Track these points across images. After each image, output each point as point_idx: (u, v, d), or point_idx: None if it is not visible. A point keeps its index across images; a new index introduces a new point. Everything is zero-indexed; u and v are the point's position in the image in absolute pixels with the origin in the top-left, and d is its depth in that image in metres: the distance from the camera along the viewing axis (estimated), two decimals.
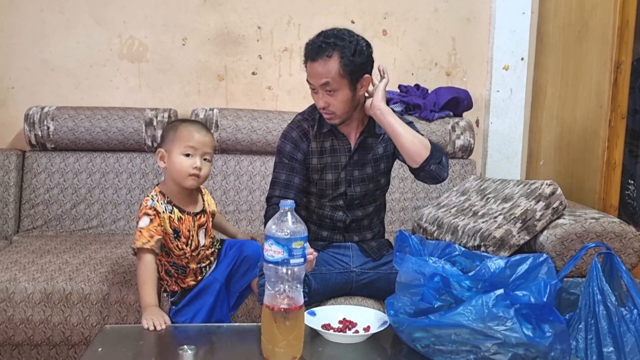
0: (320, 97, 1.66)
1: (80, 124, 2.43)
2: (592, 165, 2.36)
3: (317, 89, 1.65)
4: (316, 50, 1.62)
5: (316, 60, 1.62)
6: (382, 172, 1.83)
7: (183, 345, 1.23)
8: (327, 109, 1.67)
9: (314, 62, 1.63)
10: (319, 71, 1.62)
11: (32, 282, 1.80)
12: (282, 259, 1.22)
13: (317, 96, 1.68)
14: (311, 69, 1.64)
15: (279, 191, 1.75)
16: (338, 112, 1.67)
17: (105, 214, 2.43)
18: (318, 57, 1.61)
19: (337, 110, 1.67)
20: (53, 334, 1.80)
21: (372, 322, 1.41)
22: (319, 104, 1.67)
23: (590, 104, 2.38)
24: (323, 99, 1.65)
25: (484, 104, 2.83)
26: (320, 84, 1.63)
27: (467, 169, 2.60)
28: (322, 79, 1.62)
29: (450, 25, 2.78)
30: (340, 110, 1.67)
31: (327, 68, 1.61)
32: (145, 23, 2.65)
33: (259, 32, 2.70)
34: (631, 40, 2.23)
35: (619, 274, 1.57)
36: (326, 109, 1.67)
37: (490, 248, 1.81)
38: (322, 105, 1.67)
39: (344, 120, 1.71)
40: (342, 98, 1.65)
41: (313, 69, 1.63)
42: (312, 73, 1.64)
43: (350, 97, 1.66)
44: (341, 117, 1.69)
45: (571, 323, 1.57)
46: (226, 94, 2.73)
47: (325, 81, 1.62)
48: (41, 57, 2.63)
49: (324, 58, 1.61)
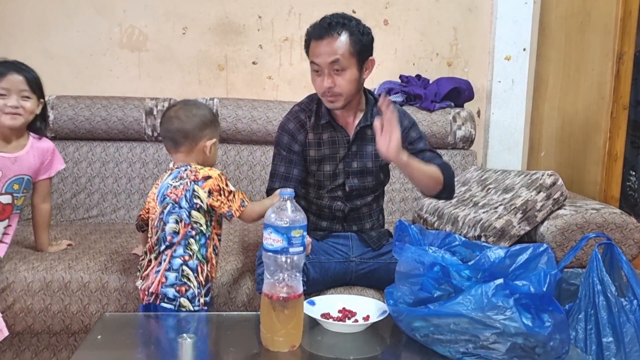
0: (326, 78, 1.62)
1: (80, 113, 2.42)
2: (593, 157, 2.35)
3: (324, 69, 1.62)
4: (325, 29, 1.60)
5: (324, 38, 1.60)
6: (383, 167, 1.82)
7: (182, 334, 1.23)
8: (333, 90, 1.63)
9: (321, 40, 1.60)
10: (327, 49, 1.60)
11: (32, 271, 1.81)
12: (282, 248, 1.21)
13: (320, 78, 1.63)
14: (318, 48, 1.61)
15: (278, 183, 1.75)
16: (344, 94, 1.64)
17: (106, 203, 2.43)
18: (327, 35, 1.59)
19: (343, 92, 1.64)
20: (53, 322, 1.80)
21: (372, 312, 1.41)
22: (325, 84, 1.62)
23: (592, 95, 2.37)
24: (329, 79, 1.62)
25: (485, 95, 2.82)
26: (329, 61, 1.60)
27: (468, 159, 2.59)
28: (332, 57, 1.60)
29: (451, 15, 2.76)
30: (346, 91, 1.64)
31: (337, 45, 1.59)
32: (145, 12, 2.64)
33: (259, 22, 2.69)
34: (634, 31, 2.22)
35: (619, 265, 1.57)
36: (332, 89, 1.63)
37: (491, 238, 1.80)
38: (328, 86, 1.62)
39: (346, 104, 1.68)
40: (349, 77, 1.63)
41: (320, 47, 1.60)
42: (319, 52, 1.61)
43: (356, 78, 1.65)
44: (345, 100, 1.66)
45: (571, 313, 1.57)
46: (226, 84, 2.72)
47: (335, 58, 1.60)
48: (41, 46, 2.62)
49: (334, 36, 1.59)
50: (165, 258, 1.52)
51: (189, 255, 1.52)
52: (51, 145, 1.91)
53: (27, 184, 1.86)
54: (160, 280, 1.51)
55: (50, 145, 1.90)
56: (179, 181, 1.55)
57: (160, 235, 1.54)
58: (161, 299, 1.50)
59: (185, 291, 1.51)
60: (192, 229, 1.52)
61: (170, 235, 1.52)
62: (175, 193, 1.53)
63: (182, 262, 1.51)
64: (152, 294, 1.51)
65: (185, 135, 1.58)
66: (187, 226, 1.52)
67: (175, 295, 1.50)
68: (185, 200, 1.52)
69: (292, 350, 1.24)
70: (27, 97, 1.79)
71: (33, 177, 1.88)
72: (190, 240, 1.53)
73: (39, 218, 1.93)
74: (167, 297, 1.50)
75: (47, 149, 1.89)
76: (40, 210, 1.93)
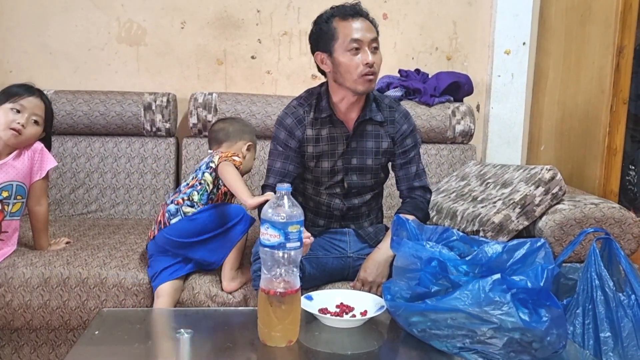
0: (368, 54, 1.62)
1: (79, 108, 2.42)
2: (592, 151, 2.35)
3: (365, 46, 1.62)
4: (359, 9, 1.65)
5: (360, 17, 1.64)
6: (383, 165, 1.81)
7: (180, 329, 1.23)
8: (373, 67, 1.63)
9: (359, 18, 1.63)
10: (367, 27, 1.64)
11: (30, 267, 1.80)
12: (279, 243, 1.21)
13: (363, 55, 1.62)
14: (360, 24, 1.63)
15: (273, 179, 1.74)
16: (377, 74, 1.67)
17: (104, 199, 2.43)
18: (361, 14, 1.65)
19: (378, 71, 1.67)
20: (51, 318, 1.80)
21: (369, 307, 1.41)
22: (370, 58, 1.62)
23: (592, 88, 2.36)
24: (372, 55, 1.63)
25: (484, 89, 2.81)
26: (372, 38, 1.63)
27: (467, 154, 2.58)
28: (373, 33, 1.64)
29: (451, 9, 2.75)
30: (378, 72, 1.68)
31: (371, 25, 1.65)
32: (144, 6, 2.63)
33: (258, 16, 2.68)
34: (634, 24, 2.20)
35: (618, 260, 1.57)
36: (373, 66, 1.63)
37: (489, 233, 1.80)
38: (372, 60, 1.62)
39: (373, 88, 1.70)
40: (381, 58, 1.67)
41: (359, 25, 1.63)
42: (362, 27, 1.63)
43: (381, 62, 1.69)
44: (376, 81, 1.70)
45: (569, 308, 1.57)
46: (225, 78, 2.71)
47: (375, 36, 1.65)
48: (39, 40, 2.62)
49: (366, 16, 1.66)
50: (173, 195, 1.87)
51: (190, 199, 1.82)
52: (39, 146, 1.89)
53: (19, 190, 1.85)
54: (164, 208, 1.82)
55: (37, 146, 1.89)
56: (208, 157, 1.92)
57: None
58: (167, 219, 1.78)
59: (182, 201, 1.80)
60: (199, 184, 1.83)
61: (184, 187, 1.86)
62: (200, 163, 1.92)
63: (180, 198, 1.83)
64: (160, 222, 1.80)
65: (227, 134, 1.97)
66: (196, 180, 1.85)
67: (177, 207, 1.79)
68: (205, 165, 1.87)
69: (289, 346, 1.24)
70: (37, 123, 1.85)
71: (26, 182, 1.87)
72: (194, 192, 1.82)
73: (35, 221, 1.92)
74: (171, 214, 1.78)
75: (35, 150, 1.88)
76: (34, 213, 1.90)
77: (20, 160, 1.85)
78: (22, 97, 1.82)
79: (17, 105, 1.81)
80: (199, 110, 2.46)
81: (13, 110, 1.81)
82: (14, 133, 1.80)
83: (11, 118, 1.80)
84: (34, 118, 1.84)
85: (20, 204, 1.86)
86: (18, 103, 1.81)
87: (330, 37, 1.64)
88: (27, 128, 1.82)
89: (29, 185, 1.88)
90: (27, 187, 1.88)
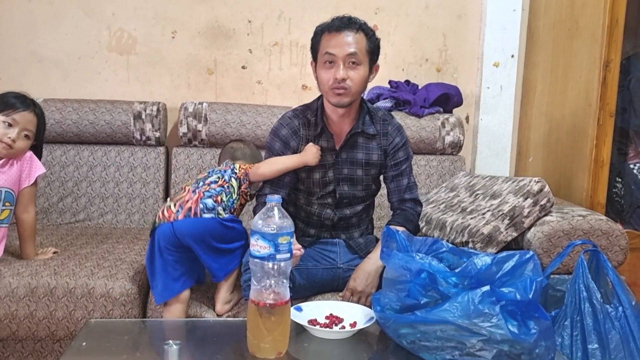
0: (340, 69, 1.61)
1: (68, 117, 2.41)
2: (580, 163, 2.37)
3: (339, 60, 1.61)
4: (345, 23, 1.63)
5: (343, 31, 1.62)
6: (374, 177, 1.82)
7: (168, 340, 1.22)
8: (345, 82, 1.62)
9: (340, 32, 1.62)
10: (347, 40, 1.61)
11: (17, 276, 1.78)
12: (268, 254, 1.21)
13: (333, 69, 1.62)
14: (337, 39, 1.62)
15: (268, 189, 1.75)
16: (353, 90, 1.64)
17: (93, 208, 2.42)
18: (347, 28, 1.62)
19: (352, 87, 1.64)
20: (38, 328, 1.78)
21: (359, 318, 1.41)
22: (338, 74, 1.61)
23: (579, 101, 2.38)
24: (343, 71, 1.61)
25: (474, 101, 2.84)
26: (347, 53, 1.61)
27: (456, 165, 2.60)
28: (351, 48, 1.61)
29: (441, 21, 2.77)
30: (356, 86, 1.65)
31: (356, 39, 1.62)
32: (134, 15, 2.63)
33: (249, 26, 2.69)
34: (620, 39, 2.23)
35: (605, 272, 1.58)
36: (344, 82, 1.62)
37: (478, 244, 1.81)
38: (341, 77, 1.61)
39: (351, 103, 1.68)
40: (361, 74, 1.64)
41: (339, 38, 1.62)
42: (338, 42, 1.62)
43: (366, 77, 1.67)
44: (352, 97, 1.66)
45: (557, 320, 1.58)
46: (216, 88, 2.71)
47: (354, 51, 1.62)
48: (29, 48, 2.60)
49: (353, 30, 1.63)
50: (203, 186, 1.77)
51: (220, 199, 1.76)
52: (28, 153, 1.89)
53: (7, 197, 1.84)
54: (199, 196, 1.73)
55: (27, 153, 1.88)
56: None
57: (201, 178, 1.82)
58: (201, 210, 1.69)
59: (221, 201, 1.74)
60: (227, 187, 1.79)
61: (209, 181, 1.79)
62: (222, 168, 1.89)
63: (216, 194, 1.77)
64: (190, 209, 1.70)
65: (244, 155, 2.05)
66: (224, 181, 1.80)
67: (214, 205, 1.71)
68: (230, 171, 1.84)
69: (278, 357, 1.24)
70: (27, 137, 1.86)
71: (14, 189, 1.86)
72: (223, 193, 1.77)
73: (21, 230, 1.90)
74: (206, 207, 1.70)
75: (24, 157, 1.87)
76: (21, 221, 1.89)
77: (9, 167, 1.84)
78: (16, 111, 1.82)
79: (10, 119, 1.81)
80: (189, 120, 2.46)
81: (5, 124, 1.81)
82: (4, 146, 1.81)
83: (2, 132, 1.81)
84: (25, 133, 1.84)
85: (8, 211, 1.85)
86: (11, 117, 1.81)
87: (316, 50, 1.68)
88: (17, 142, 1.82)
89: (18, 192, 1.86)
90: (16, 194, 1.86)
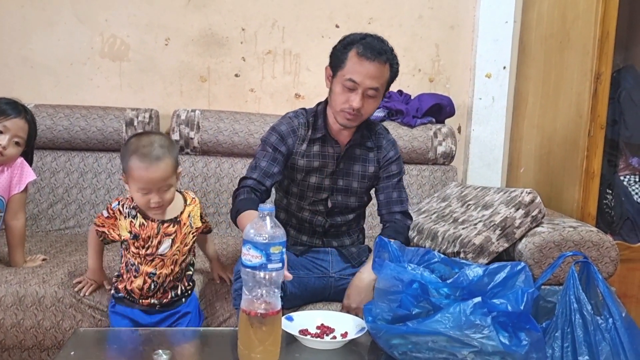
0: (359, 98, 1.59)
1: (59, 123, 2.39)
2: (571, 174, 2.38)
3: (360, 89, 1.58)
4: (377, 51, 1.57)
5: (374, 61, 1.57)
6: (367, 189, 1.82)
7: (158, 350, 1.21)
8: (359, 110, 1.61)
9: (371, 62, 1.57)
10: (374, 73, 1.57)
11: (5, 284, 1.76)
12: (260, 264, 1.21)
13: (352, 95, 1.59)
14: (364, 67, 1.57)
15: (257, 174, 1.70)
16: (364, 117, 1.65)
17: (83, 214, 2.40)
18: (377, 59, 1.57)
19: (365, 115, 1.64)
20: (25, 337, 1.76)
21: (350, 328, 1.40)
22: (355, 104, 1.59)
23: (570, 113, 2.40)
24: (361, 100, 1.59)
25: (466, 111, 2.85)
26: (371, 86, 1.58)
27: (448, 175, 2.60)
28: (375, 82, 1.58)
29: (434, 32, 2.79)
30: (366, 115, 1.65)
31: (381, 73, 1.59)
32: (127, 22, 2.62)
33: (243, 34, 2.69)
34: (611, 51, 2.25)
35: (595, 283, 1.58)
36: (359, 110, 1.61)
37: (470, 255, 1.81)
38: (357, 106, 1.59)
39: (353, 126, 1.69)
40: (375, 105, 1.65)
41: (368, 67, 1.57)
42: (365, 72, 1.57)
43: (377, 106, 1.67)
44: (360, 121, 1.68)
45: (548, 331, 1.57)
46: (208, 96, 2.71)
47: (377, 86, 1.59)
48: (21, 54, 2.59)
49: (382, 62, 1.58)
50: None
51: None
52: (19, 159, 1.87)
53: None
54: None
55: (17, 160, 1.87)
56: None
57: None
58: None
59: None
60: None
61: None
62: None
63: None
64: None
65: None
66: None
67: None
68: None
69: None
70: (18, 144, 1.84)
71: (5, 195, 1.84)
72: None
73: (10, 237, 1.88)
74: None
75: (15, 163, 1.86)
76: (11, 228, 1.87)
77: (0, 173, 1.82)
78: (7, 118, 1.80)
79: (0, 125, 1.79)
80: (181, 127, 2.45)
81: None
82: None
83: None
84: (16, 139, 1.82)
85: None
86: (2, 124, 1.79)
87: (339, 63, 1.62)
88: (8, 149, 1.81)
89: (8, 198, 1.85)
90: (6, 201, 1.84)
